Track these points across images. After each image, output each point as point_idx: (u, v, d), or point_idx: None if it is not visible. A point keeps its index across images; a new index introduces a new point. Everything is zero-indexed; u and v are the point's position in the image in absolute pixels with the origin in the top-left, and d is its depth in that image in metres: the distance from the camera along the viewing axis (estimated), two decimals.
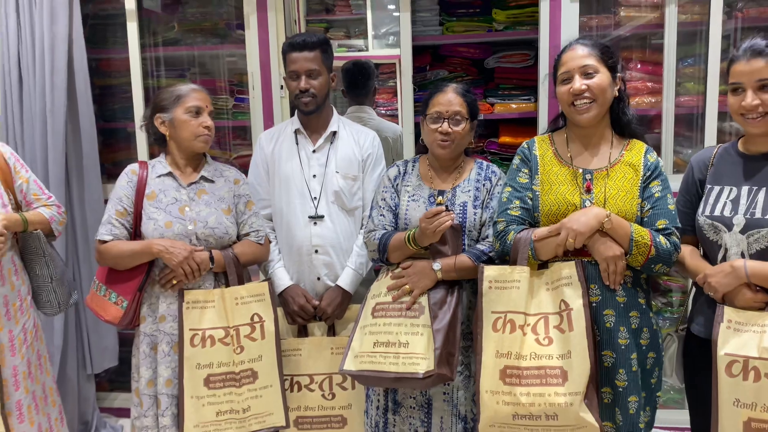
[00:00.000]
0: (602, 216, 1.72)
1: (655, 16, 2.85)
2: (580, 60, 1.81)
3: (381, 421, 2.05)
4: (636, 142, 1.89)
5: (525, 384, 1.71)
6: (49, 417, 2.26)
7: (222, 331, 2.03)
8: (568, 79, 1.82)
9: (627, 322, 1.78)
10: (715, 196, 1.77)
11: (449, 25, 3.10)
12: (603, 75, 1.80)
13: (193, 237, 2.06)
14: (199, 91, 2.12)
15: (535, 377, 1.71)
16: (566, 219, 1.76)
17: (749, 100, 1.65)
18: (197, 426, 2.01)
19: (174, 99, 2.09)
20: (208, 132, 2.10)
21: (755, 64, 1.65)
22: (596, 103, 1.80)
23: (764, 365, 1.54)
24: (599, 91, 1.79)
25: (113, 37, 3.20)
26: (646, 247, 1.71)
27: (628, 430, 1.78)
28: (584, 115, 1.81)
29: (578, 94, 1.80)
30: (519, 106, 3.08)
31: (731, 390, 1.58)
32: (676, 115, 2.82)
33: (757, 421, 1.53)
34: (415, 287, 1.91)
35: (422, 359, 1.81)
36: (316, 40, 2.23)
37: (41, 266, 2.21)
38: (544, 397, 1.68)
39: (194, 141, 2.09)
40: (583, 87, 1.79)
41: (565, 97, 1.83)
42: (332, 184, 2.27)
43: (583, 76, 1.80)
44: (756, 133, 1.71)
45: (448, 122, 1.97)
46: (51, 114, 2.85)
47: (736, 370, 1.57)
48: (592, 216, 1.73)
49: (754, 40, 1.69)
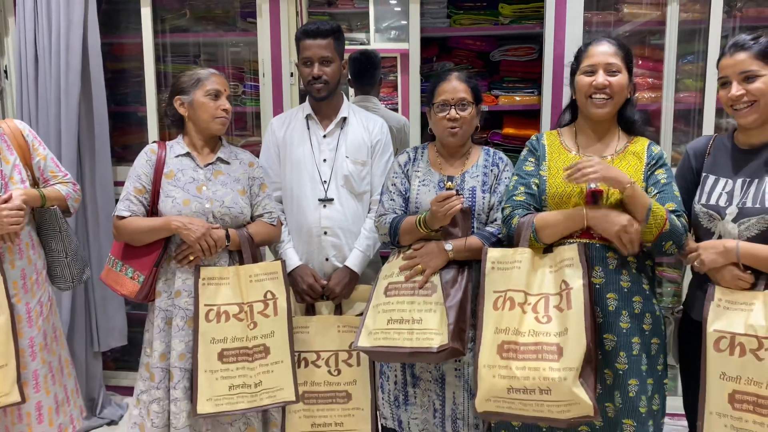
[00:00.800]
0: (626, 180, 1.75)
1: (657, 14, 2.93)
2: (607, 57, 1.87)
3: (401, 394, 2.12)
4: (640, 137, 1.96)
5: (521, 359, 1.75)
6: (65, 388, 2.32)
7: (236, 307, 2.09)
8: (591, 71, 1.88)
9: (630, 306, 1.83)
10: (710, 185, 1.85)
11: (456, 18, 3.15)
12: (623, 76, 1.88)
13: (210, 215, 2.12)
14: (218, 75, 2.19)
15: (532, 352, 1.75)
16: (585, 160, 1.77)
17: (734, 91, 1.74)
18: (210, 399, 2.06)
19: (194, 82, 2.15)
20: (225, 114, 2.16)
21: (738, 57, 1.74)
22: (612, 101, 1.87)
23: (749, 341, 1.62)
24: (618, 90, 1.87)
25: (125, 22, 3.26)
26: (662, 219, 1.74)
27: (628, 413, 1.83)
28: (599, 110, 1.88)
29: (600, 89, 1.86)
30: (523, 99, 3.14)
31: (718, 364, 1.67)
32: (675, 111, 2.90)
33: (741, 393, 1.63)
34: (427, 267, 1.98)
35: (436, 334, 1.88)
36: (329, 28, 2.29)
37: (57, 241, 2.27)
38: (538, 371, 1.72)
39: (212, 122, 2.15)
40: (605, 82, 1.85)
41: (585, 89, 1.89)
42: (342, 169, 2.33)
43: (607, 73, 1.86)
44: (745, 123, 1.79)
45: (455, 108, 2.04)
46: (65, 95, 2.90)
47: (724, 346, 1.66)
48: (617, 172, 1.76)
49: (738, 36, 1.78)
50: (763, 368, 1.60)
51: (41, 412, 2.21)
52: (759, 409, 1.60)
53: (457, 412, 2.06)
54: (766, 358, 1.60)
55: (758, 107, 1.74)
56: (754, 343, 1.62)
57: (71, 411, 2.35)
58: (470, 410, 2.04)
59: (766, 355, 1.60)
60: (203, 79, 2.15)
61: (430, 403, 2.08)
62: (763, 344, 1.61)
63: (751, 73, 1.73)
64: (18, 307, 2.14)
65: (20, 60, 2.95)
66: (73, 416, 2.36)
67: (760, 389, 1.60)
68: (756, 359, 1.61)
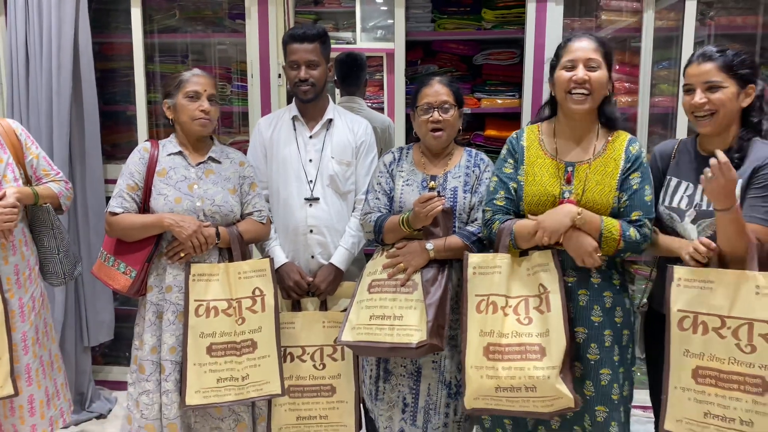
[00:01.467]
0: (574, 213, 1.85)
1: (634, 21, 3.02)
2: (587, 52, 1.89)
3: (373, 389, 2.20)
4: (621, 133, 1.97)
5: (507, 359, 1.85)
6: (55, 382, 2.36)
7: (225, 302, 2.15)
8: (571, 67, 1.90)
9: (601, 301, 1.93)
10: (673, 188, 1.94)
11: (441, 22, 3.23)
12: (603, 72, 1.91)
13: (201, 213, 2.18)
14: (200, 75, 2.21)
15: (516, 353, 1.85)
16: (541, 218, 1.89)
17: (697, 99, 1.83)
18: (198, 391, 2.12)
19: (176, 85, 2.20)
20: (204, 116, 2.18)
21: (704, 67, 1.83)
22: (591, 97, 1.89)
23: (712, 320, 1.72)
24: (598, 86, 1.89)
25: (115, 22, 3.30)
26: (615, 241, 1.85)
27: (601, 401, 1.92)
28: (578, 106, 1.90)
29: (579, 84, 1.88)
30: (504, 102, 3.23)
31: (682, 342, 1.76)
32: (651, 115, 3.00)
33: (704, 369, 1.73)
34: (409, 265, 2.06)
35: (415, 331, 1.96)
36: (315, 33, 2.35)
37: (49, 238, 2.31)
38: (524, 370, 1.83)
39: (192, 124, 2.19)
40: (585, 77, 1.87)
41: (564, 84, 1.90)
42: (327, 169, 2.39)
43: (587, 68, 1.88)
44: (704, 132, 1.88)
45: (438, 111, 2.11)
46: (57, 95, 2.93)
47: (687, 324, 1.76)
48: (563, 214, 1.86)
49: (706, 47, 1.86)
50: (725, 345, 1.70)
51: (33, 405, 2.26)
52: (721, 383, 1.71)
53: (430, 403, 2.13)
54: (728, 336, 1.70)
55: (717, 118, 1.83)
56: (717, 322, 1.72)
57: (61, 404, 2.40)
58: (442, 400, 2.13)
59: (728, 333, 1.70)
60: (184, 81, 2.19)
61: (400, 398, 2.15)
62: (726, 323, 1.70)
63: (714, 84, 1.81)
64: (11, 302, 2.19)
65: (11, 60, 2.98)
66: (63, 409, 2.41)
67: (722, 365, 1.70)
68: (719, 337, 1.71)
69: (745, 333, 1.68)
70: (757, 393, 1.66)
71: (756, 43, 3.02)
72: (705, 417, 1.73)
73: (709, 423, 1.73)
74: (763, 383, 1.66)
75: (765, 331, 1.66)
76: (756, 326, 1.67)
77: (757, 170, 1.80)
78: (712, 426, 1.73)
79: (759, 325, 1.67)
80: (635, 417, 3.08)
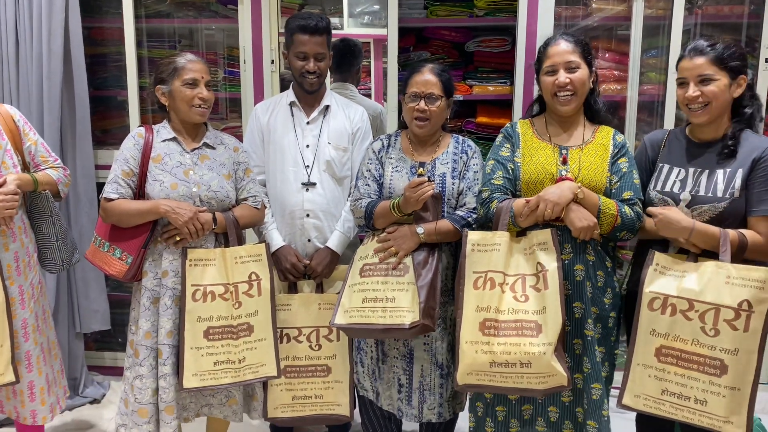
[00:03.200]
0: (575, 187, 1.91)
1: (623, 9, 3.06)
2: (565, 55, 2.00)
3: (375, 369, 2.25)
4: (605, 126, 2.10)
5: (503, 335, 1.89)
6: (53, 368, 2.37)
7: (222, 287, 2.17)
8: (553, 71, 2.01)
9: (594, 279, 1.99)
10: (665, 174, 2.00)
11: (433, 9, 3.24)
12: (583, 70, 2.00)
13: (197, 199, 2.19)
14: (195, 62, 2.21)
15: (512, 329, 1.90)
16: (542, 192, 1.93)
17: (690, 92, 1.90)
18: (195, 375, 2.14)
19: (171, 71, 2.19)
20: (203, 103, 2.20)
21: (696, 61, 1.90)
22: (576, 96, 2.01)
23: (681, 303, 1.81)
24: (580, 85, 2.00)
25: (106, 6, 3.27)
26: (613, 216, 1.92)
27: (595, 378, 1.98)
28: (565, 107, 2.02)
29: (562, 87, 1.99)
30: (496, 89, 3.25)
31: (649, 321, 1.85)
32: (639, 102, 3.05)
33: (668, 348, 1.82)
34: (400, 249, 2.10)
35: (408, 312, 2.00)
36: (325, 25, 2.36)
37: (48, 225, 2.30)
38: (520, 346, 1.87)
39: (190, 112, 2.20)
40: (567, 80, 1.98)
41: (549, 88, 2.03)
42: (324, 154, 2.41)
43: (567, 71, 1.99)
44: (698, 122, 1.96)
45: (424, 101, 2.14)
46: (47, 80, 2.91)
47: (656, 305, 1.84)
48: (566, 188, 1.92)
49: (697, 41, 1.94)
50: (690, 327, 1.79)
51: (33, 391, 2.27)
52: (681, 362, 1.80)
53: (424, 383, 2.18)
54: (694, 319, 1.79)
55: (710, 109, 1.90)
56: (685, 304, 1.81)
57: (58, 391, 2.41)
58: (436, 381, 2.17)
59: (695, 316, 1.79)
60: (180, 68, 2.18)
61: (395, 379, 2.20)
62: (694, 306, 1.79)
63: (706, 77, 1.89)
64: (11, 289, 2.19)
65: (1, 44, 2.95)
66: (59, 396, 2.42)
67: (685, 345, 1.79)
68: (685, 319, 1.80)
69: (711, 317, 1.77)
70: (715, 374, 1.76)
71: (742, 32, 3.07)
72: (662, 394, 1.82)
73: (665, 400, 1.82)
74: (721, 365, 1.75)
75: (730, 317, 1.75)
76: (722, 312, 1.76)
77: (757, 161, 1.87)
78: (667, 403, 1.82)
79: (725, 311, 1.76)
80: None
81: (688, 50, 1.94)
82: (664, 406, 1.82)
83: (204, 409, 2.33)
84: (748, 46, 3.06)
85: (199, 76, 2.19)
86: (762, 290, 1.73)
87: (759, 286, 1.74)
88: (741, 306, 1.75)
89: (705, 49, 1.90)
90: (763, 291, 1.73)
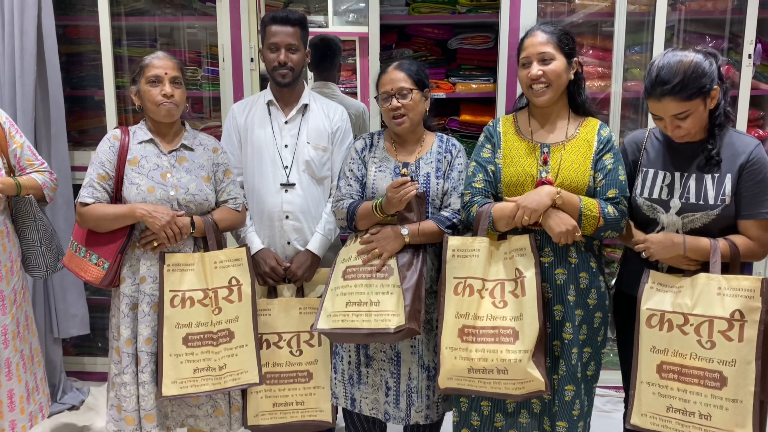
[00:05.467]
0: (553, 193, 1.89)
1: (606, 5, 3.04)
2: (538, 47, 1.97)
3: (354, 374, 2.20)
4: (591, 119, 2.06)
5: (480, 342, 1.89)
6: (35, 376, 2.32)
7: (201, 292, 2.13)
8: (527, 63, 1.99)
9: (576, 281, 1.97)
10: (651, 179, 1.97)
11: (415, 6, 3.20)
12: (559, 61, 1.97)
13: (175, 202, 2.15)
14: (160, 58, 2.15)
15: (490, 336, 1.89)
16: (521, 198, 1.91)
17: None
18: (175, 382, 2.11)
19: (139, 70, 2.15)
20: (166, 100, 2.13)
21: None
22: (551, 88, 1.97)
23: (676, 317, 1.80)
24: (554, 77, 1.96)
25: (80, 4, 3.21)
26: (595, 218, 1.90)
27: (569, 380, 1.97)
28: (540, 98, 1.99)
29: (535, 79, 1.96)
30: (479, 86, 3.22)
31: (649, 338, 1.84)
32: (623, 99, 3.03)
33: (668, 364, 1.81)
34: (384, 251, 2.06)
35: (393, 315, 1.97)
36: (297, 17, 2.33)
37: (32, 230, 2.25)
38: (496, 353, 1.87)
39: (157, 111, 2.14)
40: (539, 73, 1.95)
41: (524, 81, 2.00)
42: (303, 154, 2.37)
43: (540, 63, 1.96)
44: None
45: (395, 98, 2.11)
46: (20, 79, 2.86)
47: (654, 322, 1.84)
48: (544, 194, 1.89)
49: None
50: (687, 341, 1.78)
51: (13, 400, 2.22)
52: (683, 377, 1.79)
53: (411, 386, 2.15)
54: (690, 333, 1.78)
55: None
56: (681, 319, 1.80)
57: (40, 399, 2.36)
58: (423, 383, 2.15)
59: (691, 330, 1.78)
60: (145, 66, 2.14)
61: (383, 382, 2.17)
62: (689, 320, 1.79)
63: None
64: None
65: None
66: (41, 404, 2.37)
67: (684, 360, 1.78)
68: (681, 333, 1.79)
69: (706, 330, 1.76)
70: (715, 387, 1.74)
71: (725, 28, 3.07)
72: (667, 411, 1.81)
73: (671, 417, 1.80)
74: (720, 378, 1.74)
75: (724, 327, 1.74)
76: (716, 323, 1.76)
77: (744, 167, 1.85)
78: (673, 420, 1.80)
79: (718, 322, 1.75)
80: (608, 397, 3.17)
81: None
82: (671, 423, 1.80)
83: (189, 420, 2.29)
84: (731, 42, 3.06)
85: (162, 72, 2.13)
86: (752, 299, 1.73)
87: (749, 295, 1.73)
88: (733, 316, 1.74)
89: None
90: (753, 300, 1.73)
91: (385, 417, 2.19)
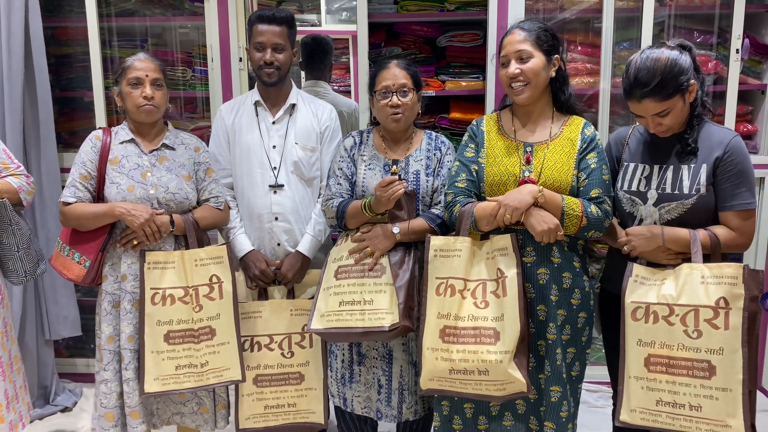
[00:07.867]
0: (535, 192, 1.87)
1: (595, 2, 3.03)
2: (516, 45, 1.95)
3: (347, 372, 2.20)
4: (575, 117, 2.04)
5: (461, 342, 1.88)
6: (14, 384, 2.29)
7: (181, 290, 2.13)
8: (506, 62, 1.98)
9: (559, 281, 1.95)
10: (631, 173, 1.96)
11: (403, 4, 3.19)
12: (537, 59, 1.94)
13: (155, 201, 2.15)
14: (142, 60, 2.16)
15: (471, 336, 1.88)
16: (503, 197, 1.90)
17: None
18: (157, 379, 2.11)
19: (120, 72, 2.16)
20: (147, 102, 2.14)
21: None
22: (529, 86, 1.95)
23: (662, 309, 1.79)
24: (532, 75, 1.94)
25: (68, 5, 3.21)
26: (578, 218, 1.88)
27: (555, 380, 1.96)
28: (519, 96, 1.97)
29: (513, 78, 1.95)
30: (468, 84, 3.22)
31: (635, 332, 1.82)
32: (612, 95, 3.02)
33: (655, 356, 1.79)
34: (376, 249, 2.06)
35: (387, 314, 1.96)
36: (284, 16, 2.31)
37: (8, 235, 2.22)
38: (477, 354, 1.85)
39: (137, 112, 2.15)
40: (516, 71, 1.94)
41: (504, 80, 1.99)
42: (291, 155, 2.35)
43: (518, 61, 1.94)
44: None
45: (396, 95, 2.10)
46: (8, 81, 2.86)
47: (640, 315, 1.82)
48: (526, 193, 1.88)
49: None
50: (673, 332, 1.76)
51: None
52: (671, 369, 1.77)
53: (403, 384, 2.15)
54: (676, 323, 1.76)
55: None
56: (666, 310, 1.78)
57: (20, 408, 2.33)
58: (414, 379, 2.14)
59: (677, 320, 1.76)
60: (126, 67, 2.15)
61: (375, 380, 2.16)
62: (674, 311, 1.77)
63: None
64: None
65: None
66: (21, 413, 2.33)
67: (672, 351, 1.76)
68: (667, 324, 1.77)
69: (692, 319, 1.75)
70: (704, 377, 1.73)
71: (714, 23, 3.05)
72: (657, 405, 1.79)
73: (661, 411, 1.78)
74: (709, 367, 1.72)
75: (710, 316, 1.73)
76: (701, 312, 1.74)
77: (719, 160, 1.84)
78: (663, 413, 1.78)
79: (704, 311, 1.74)
80: (599, 393, 3.15)
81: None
82: (661, 417, 1.78)
83: (175, 418, 2.29)
84: (719, 37, 3.04)
85: (143, 74, 2.13)
86: (735, 286, 1.72)
87: (732, 282, 1.72)
88: (718, 304, 1.73)
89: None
90: (736, 287, 1.72)
91: (377, 415, 2.18)
